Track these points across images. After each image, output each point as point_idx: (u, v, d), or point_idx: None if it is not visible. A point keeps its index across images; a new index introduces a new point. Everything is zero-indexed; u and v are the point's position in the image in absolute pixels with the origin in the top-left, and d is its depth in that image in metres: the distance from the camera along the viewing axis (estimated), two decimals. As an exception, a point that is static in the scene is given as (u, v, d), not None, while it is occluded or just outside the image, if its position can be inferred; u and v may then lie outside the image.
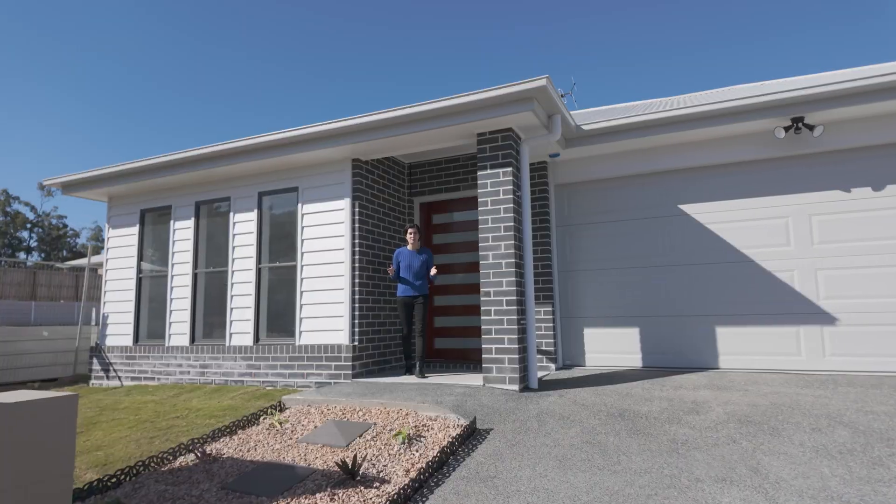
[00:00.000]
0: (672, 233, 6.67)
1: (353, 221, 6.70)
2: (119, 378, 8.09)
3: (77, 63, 67.86)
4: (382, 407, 4.88)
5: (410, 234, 6.46)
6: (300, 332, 6.81)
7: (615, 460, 3.81)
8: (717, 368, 6.31)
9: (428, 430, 4.33)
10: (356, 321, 6.52)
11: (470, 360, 7.35)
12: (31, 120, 66.63)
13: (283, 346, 6.85)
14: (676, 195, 6.71)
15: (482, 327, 5.70)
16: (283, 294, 7.11)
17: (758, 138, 6.26)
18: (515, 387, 5.48)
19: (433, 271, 6.30)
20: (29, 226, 47.08)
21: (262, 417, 4.94)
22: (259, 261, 7.28)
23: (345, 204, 6.75)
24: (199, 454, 4.08)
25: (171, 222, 8.05)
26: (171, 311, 7.85)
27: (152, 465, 3.99)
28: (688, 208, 6.64)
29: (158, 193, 8.26)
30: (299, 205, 7.05)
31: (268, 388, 6.85)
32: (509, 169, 5.76)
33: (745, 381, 5.73)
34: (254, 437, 4.53)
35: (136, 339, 8.14)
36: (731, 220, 6.43)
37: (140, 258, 8.34)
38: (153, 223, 8.37)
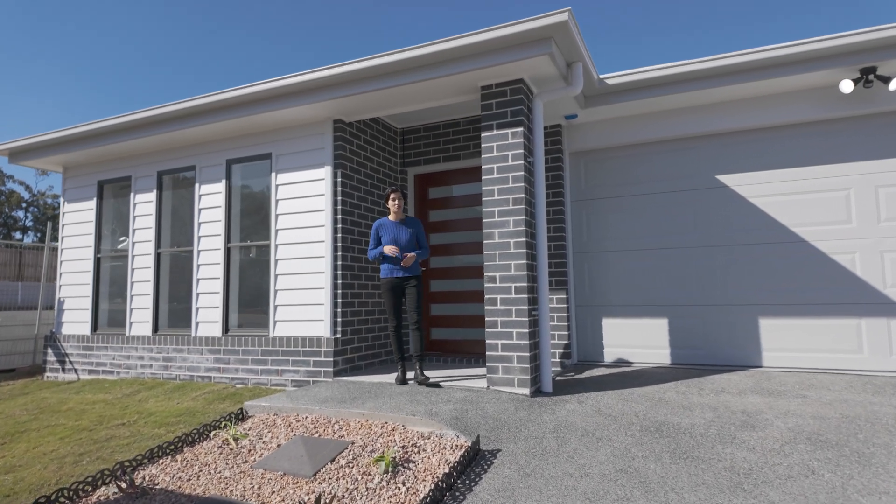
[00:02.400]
0: (708, 208, 5.70)
1: (335, 194, 5.72)
2: (76, 371, 7.18)
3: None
4: (364, 419, 3.97)
5: (393, 200, 5.09)
6: (274, 322, 5.88)
7: (663, 500, 2.90)
8: (760, 367, 5.40)
9: (419, 453, 3.42)
10: (339, 310, 5.59)
11: (471, 353, 6.44)
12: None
13: (255, 339, 5.93)
14: (714, 164, 5.73)
15: (486, 319, 4.77)
16: (255, 278, 6.16)
17: (816, 94, 5.26)
18: (526, 390, 4.57)
19: (409, 256, 4.89)
20: (24, 205, 45.99)
21: (215, 431, 4.03)
22: (228, 239, 6.32)
23: (325, 173, 5.76)
24: (123, 485, 3.18)
25: (132, 195, 7.07)
26: (131, 297, 6.91)
27: (61, 500, 3.08)
28: (727, 179, 5.66)
29: (118, 162, 7.26)
30: (273, 174, 6.06)
31: (238, 385, 5.95)
32: (520, 129, 4.77)
33: (798, 383, 4.82)
34: (201, 458, 3.62)
35: (95, 327, 7.21)
36: (779, 192, 5.46)
37: (98, 236, 7.37)
38: (113, 196, 7.38)
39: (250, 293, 6.20)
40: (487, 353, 4.74)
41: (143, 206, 6.97)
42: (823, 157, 5.32)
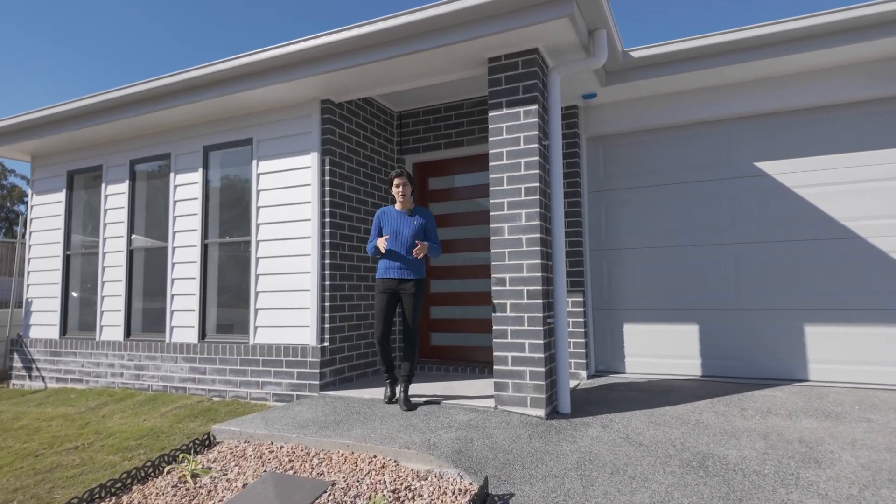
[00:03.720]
0: (745, 199, 5.03)
1: (323, 184, 5.06)
2: (43, 379, 6.57)
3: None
4: (349, 451, 3.33)
5: (398, 185, 4.30)
6: (255, 328, 5.24)
7: (726, 573, 2.25)
8: (806, 381, 4.74)
9: (414, 500, 2.78)
10: (326, 315, 4.95)
11: (475, 361, 5.79)
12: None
13: (234, 346, 5.29)
14: (753, 149, 5.04)
15: (494, 328, 4.12)
16: (236, 278, 5.53)
17: (875, 68, 4.57)
18: (540, 411, 3.92)
19: (421, 246, 4.12)
20: (25, 199, 45.68)
21: (171, 466, 3.39)
22: (205, 235, 5.67)
23: (312, 160, 5.10)
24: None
25: (103, 186, 6.43)
26: (102, 298, 6.29)
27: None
28: (768, 167, 4.98)
29: (88, 151, 6.62)
30: (254, 162, 5.41)
31: (214, 398, 5.32)
32: (533, 108, 4.10)
33: (856, 403, 4.16)
34: (150, 502, 2.99)
35: (64, 330, 6.60)
36: (829, 181, 4.78)
37: (68, 231, 6.74)
38: (84, 188, 6.74)
39: (229, 295, 5.56)
40: (495, 366, 4.09)
41: (115, 198, 6.34)
42: (882, 140, 4.64)
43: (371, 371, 5.55)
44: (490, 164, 4.22)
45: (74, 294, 6.62)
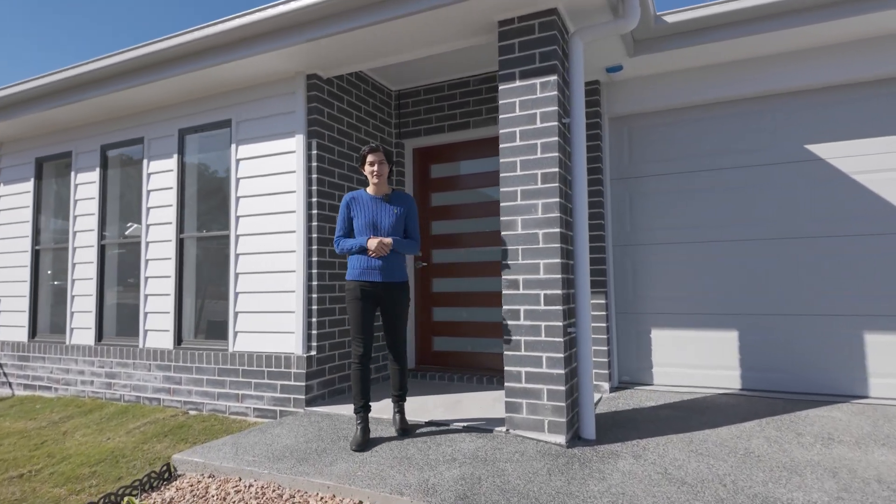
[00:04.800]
0: (794, 188, 4.37)
1: (310, 171, 4.45)
2: (10, 385, 6.04)
3: None
4: (329, 495, 2.73)
5: (372, 163, 3.44)
6: (235, 334, 4.66)
7: None
8: (866, 398, 4.10)
9: (405, 567, 2.18)
10: (314, 319, 4.35)
11: (482, 368, 5.19)
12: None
13: (212, 354, 4.71)
14: (803, 130, 4.38)
15: (505, 338, 3.51)
16: (214, 276, 4.94)
17: (954, 33, 3.89)
18: (560, 438, 3.32)
19: (383, 243, 3.33)
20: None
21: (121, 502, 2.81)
22: (181, 229, 5.08)
23: (297, 144, 4.48)
24: None
25: (73, 174, 5.84)
26: (72, 297, 5.72)
27: None
28: (822, 150, 4.31)
29: (58, 135, 6.03)
30: (233, 146, 4.80)
31: (190, 411, 4.75)
32: (552, 78, 3.46)
33: (934, 428, 3.53)
34: (81, 562, 2.41)
35: (33, 332, 6.05)
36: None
37: (37, 224, 6.17)
38: (55, 176, 6.16)
39: (208, 296, 4.98)
40: (507, 383, 3.49)
41: (86, 187, 5.75)
42: (959, 118, 3.97)
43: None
44: (501, 146, 3.58)
45: (56, 283, 6.06)
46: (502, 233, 3.56)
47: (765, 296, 4.40)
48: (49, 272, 6.08)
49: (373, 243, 3.35)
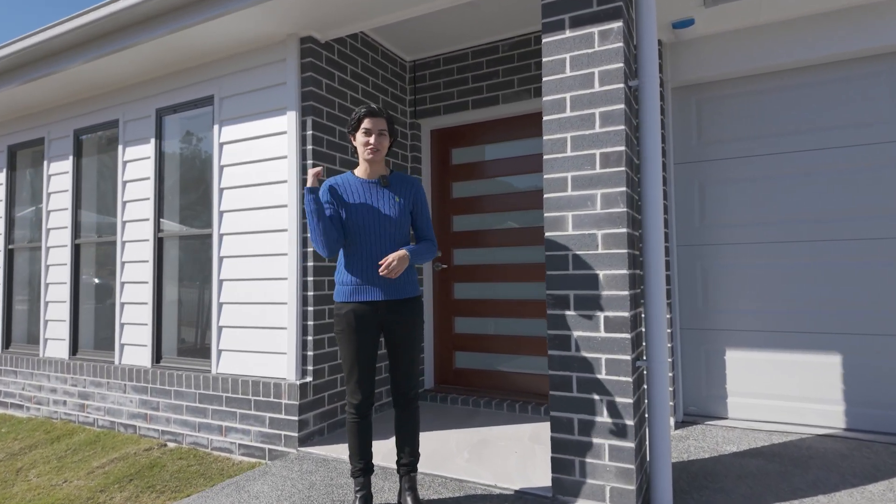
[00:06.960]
0: (919, 173, 3.39)
1: (304, 155, 3.63)
2: (-17, 400, 5.42)
3: None
4: None
5: (368, 130, 2.44)
6: (218, 353, 3.90)
7: None
8: None
9: None
10: (309, 337, 3.56)
11: (516, 392, 4.35)
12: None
13: (192, 376, 3.96)
14: (934, 97, 3.39)
15: (551, 372, 2.66)
16: (198, 281, 4.18)
17: None
18: (627, 511, 2.46)
19: (391, 263, 2.33)
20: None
21: None
22: (159, 226, 4.33)
23: (288, 123, 3.66)
24: None
25: (45, 164, 5.15)
26: (46, 304, 5.05)
27: None
28: (962, 122, 3.32)
29: (30, 120, 5.34)
30: (216, 128, 4.00)
31: (168, 443, 4.02)
32: (616, 25, 2.56)
33: None
34: None
35: (7, 342, 5.41)
36: None
37: (10, 220, 5.51)
38: (30, 166, 5.48)
39: (191, 306, 4.23)
40: (554, 433, 2.64)
41: (59, 178, 5.05)
42: None
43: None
44: (545, 118, 2.71)
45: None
46: (546, 234, 2.69)
47: (874, 311, 3.44)
48: (25, 274, 5.42)
49: (387, 263, 2.34)
